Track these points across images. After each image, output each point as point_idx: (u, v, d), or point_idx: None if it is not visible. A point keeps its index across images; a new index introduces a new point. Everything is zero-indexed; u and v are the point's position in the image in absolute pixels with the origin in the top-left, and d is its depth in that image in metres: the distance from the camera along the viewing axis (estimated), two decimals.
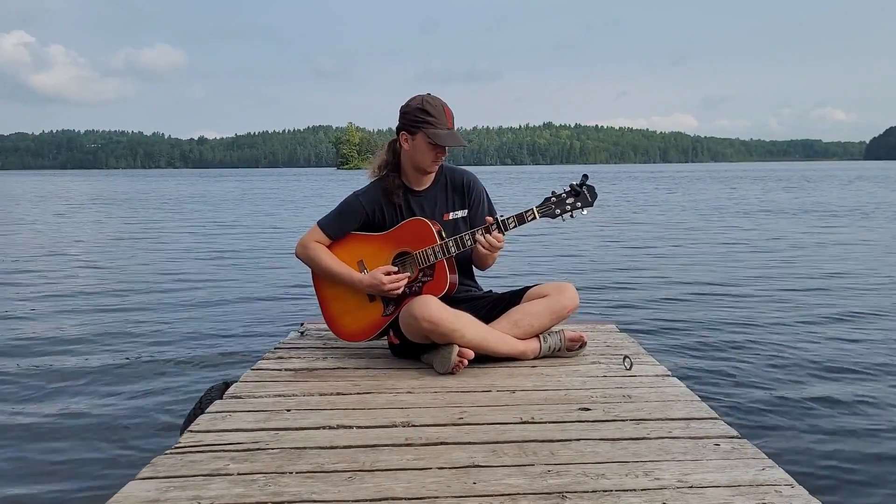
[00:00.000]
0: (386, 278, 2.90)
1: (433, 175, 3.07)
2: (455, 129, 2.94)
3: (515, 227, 2.85)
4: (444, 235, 2.91)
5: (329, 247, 3.05)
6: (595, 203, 2.85)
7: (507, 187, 39.63)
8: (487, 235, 2.84)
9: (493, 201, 3.18)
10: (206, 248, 12.25)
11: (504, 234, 2.86)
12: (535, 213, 2.83)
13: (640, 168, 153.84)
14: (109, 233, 15.49)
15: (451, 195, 3.08)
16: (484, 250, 2.87)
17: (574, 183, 2.83)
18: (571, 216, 2.83)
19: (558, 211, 2.82)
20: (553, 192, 2.84)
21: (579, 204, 2.82)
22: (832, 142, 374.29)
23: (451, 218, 3.05)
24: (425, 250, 2.90)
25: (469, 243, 2.86)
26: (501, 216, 2.89)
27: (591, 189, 2.83)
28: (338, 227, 3.05)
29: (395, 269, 2.94)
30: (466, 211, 3.09)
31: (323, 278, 3.09)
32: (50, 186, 52.73)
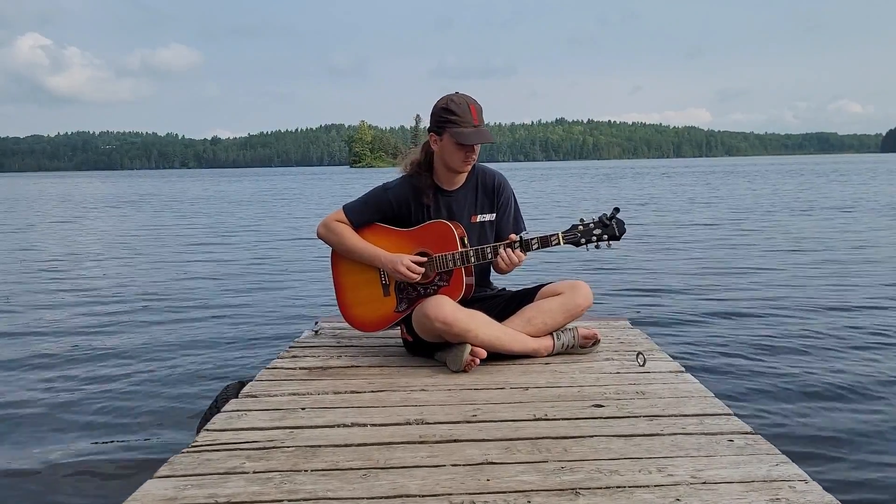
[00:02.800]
0: (407, 261, 2.90)
1: (465, 175, 3.04)
2: (482, 125, 2.90)
3: (538, 248, 2.85)
4: (466, 242, 2.91)
5: None
6: (622, 238, 2.83)
7: (524, 185, 39.54)
8: (509, 251, 2.84)
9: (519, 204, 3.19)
10: (221, 248, 12.32)
11: (526, 254, 2.87)
12: (560, 238, 2.82)
13: (655, 163, 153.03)
14: (124, 233, 15.61)
15: (482, 197, 3.07)
16: (502, 265, 2.88)
17: (604, 214, 2.81)
18: (596, 247, 2.82)
19: (583, 240, 2.82)
20: (581, 220, 2.83)
21: (605, 236, 2.81)
22: (848, 134, 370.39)
23: (478, 220, 3.05)
24: (444, 255, 2.90)
25: (490, 256, 2.87)
26: (527, 234, 2.89)
27: (621, 223, 2.81)
28: (362, 214, 3.05)
29: (424, 259, 2.93)
30: (494, 214, 3.08)
31: (341, 264, 3.11)
32: (60, 189, 53.11)
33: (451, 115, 2.85)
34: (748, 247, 10.68)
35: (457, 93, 2.93)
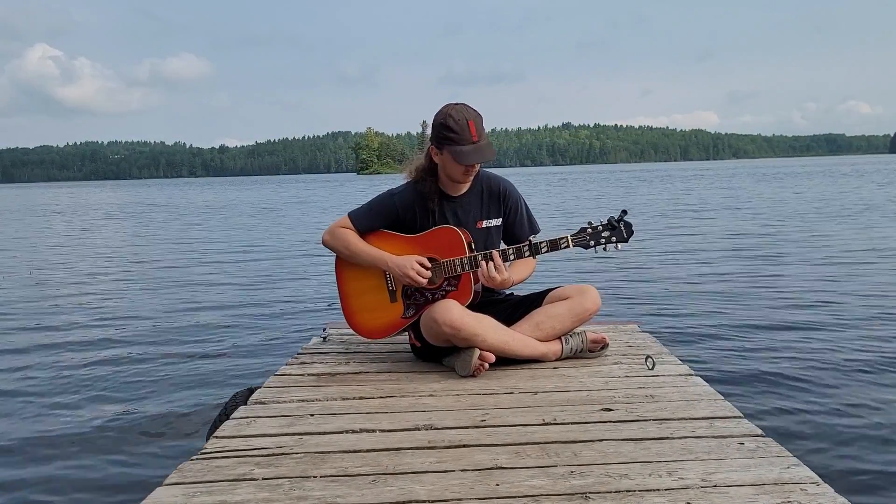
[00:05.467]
0: (416, 264, 2.89)
1: (470, 181, 3.05)
2: (482, 139, 2.85)
3: (547, 252, 2.84)
4: (473, 247, 2.91)
5: None
6: (630, 240, 2.82)
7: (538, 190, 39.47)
8: (492, 264, 2.80)
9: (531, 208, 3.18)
10: (229, 254, 12.35)
11: (536, 258, 2.86)
12: (570, 241, 2.81)
13: (662, 166, 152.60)
14: (132, 242, 15.67)
15: (487, 203, 3.06)
16: (482, 277, 2.84)
17: (613, 217, 2.81)
18: (605, 249, 2.81)
19: (592, 242, 2.81)
20: (589, 223, 2.83)
21: (614, 238, 2.80)
22: (856, 135, 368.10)
23: (484, 226, 3.04)
24: (452, 260, 2.89)
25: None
26: (536, 239, 2.89)
27: (629, 225, 2.81)
28: (367, 221, 3.05)
29: (429, 264, 2.92)
30: (501, 220, 3.08)
31: (346, 272, 3.10)
32: (69, 199, 53.37)
33: (449, 133, 2.82)
34: (754, 248, 10.64)
35: (456, 105, 2.88)
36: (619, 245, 2.81)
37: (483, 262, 2.83)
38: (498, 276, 2.81)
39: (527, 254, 2.85)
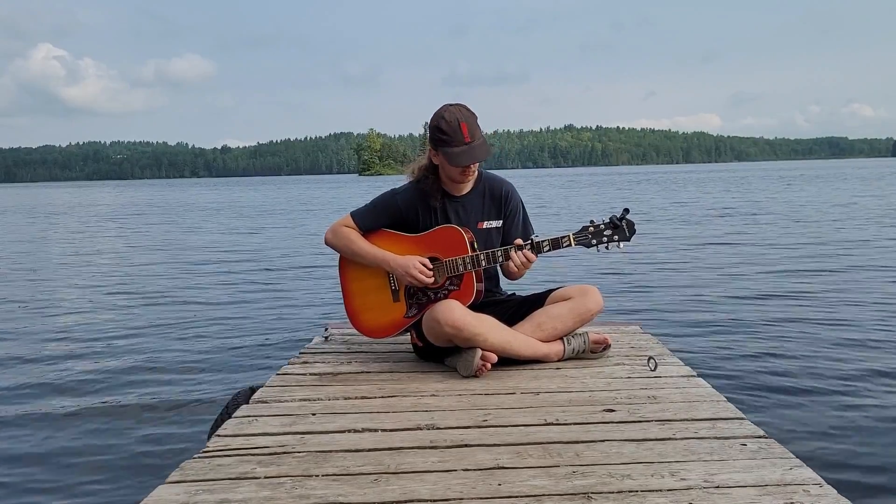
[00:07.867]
0: (418, 264, 2.89)
1: (472, 182, 3.05)
2: (475, 139, 2.84)
3: (549, 250, 2.85)
4: (475, 247, 2.90)
5: None
6: (632, 239, 2.82)
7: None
8: (520, 253, 2.83)
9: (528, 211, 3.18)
10: (231, 254, 12.36)
11: (537, 257, 2.86)
12: (572, 240, 2.82)
13: (665, 169, 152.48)
14: (133, 242, 15.68)
15: (489, 204, 3.07)
16: (513, 268, 2.87)
17: (615, 216, 2.81)
18: (606, 248, 2.81)
19: (594, 241, 2.81)
20: (591, 222, 2.83)
21: (616, 237, 2.80)
22: (858, 139, 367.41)
23: (484, 227, 3.04)
24: (455, 259, 2.89)
25: (500, 259, 2.86)
26: (536, 237, 2.89)
27: (631, 224, 2.80)
28: (370, 220, 3.05)
29: (431, 265, 2.92)
30: (501, 222, 3.08)
31: (349, 271, 3.10)
32: (73, 199, 53.38)
33: (441, 135, 2.84)
34: (756, 249, 10.63)
35: (451, 107, 2.88)
36: (622, 244, 2.81)
37: (513, 253, 2.83)
38: (529, 262, 2.84)
39: (527, 252, 2.84)
